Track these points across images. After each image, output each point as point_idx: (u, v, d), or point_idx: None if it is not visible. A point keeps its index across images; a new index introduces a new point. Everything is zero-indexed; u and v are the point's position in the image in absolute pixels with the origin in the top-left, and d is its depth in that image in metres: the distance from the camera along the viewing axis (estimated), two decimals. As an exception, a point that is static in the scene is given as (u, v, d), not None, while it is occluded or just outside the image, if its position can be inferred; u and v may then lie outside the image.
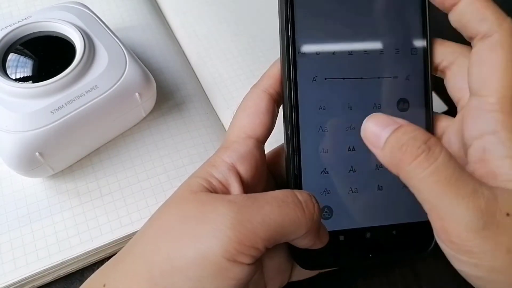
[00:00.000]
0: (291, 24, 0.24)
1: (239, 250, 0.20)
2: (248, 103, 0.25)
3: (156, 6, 0.45)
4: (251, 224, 0.20)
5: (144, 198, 0.32)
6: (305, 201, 0.21)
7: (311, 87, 0.25)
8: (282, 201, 0.21)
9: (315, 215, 0.21)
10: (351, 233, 0.26)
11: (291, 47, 0.25)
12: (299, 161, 0.25)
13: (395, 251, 0.27)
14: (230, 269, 0.20)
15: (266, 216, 0.20)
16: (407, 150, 0.20)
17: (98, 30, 0.33)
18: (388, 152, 0.21)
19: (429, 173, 0.20)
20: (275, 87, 0.25)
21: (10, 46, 0.31)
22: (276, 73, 0.25)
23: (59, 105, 0.29)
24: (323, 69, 0.25)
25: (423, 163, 0.20)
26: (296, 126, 0.25)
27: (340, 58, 0.25)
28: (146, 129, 0.35)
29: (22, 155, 0.29)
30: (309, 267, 0.26)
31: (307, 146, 0.25)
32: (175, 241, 0.20)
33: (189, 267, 0.20)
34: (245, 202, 0.21)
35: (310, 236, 0.22)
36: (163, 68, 0.39)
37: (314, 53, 0.25)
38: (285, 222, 0.21)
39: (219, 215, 0.20)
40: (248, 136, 0.24)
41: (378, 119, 0.22)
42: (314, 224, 0.21)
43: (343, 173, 0.26)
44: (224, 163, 0.23)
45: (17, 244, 0.30)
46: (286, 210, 0.21)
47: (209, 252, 0.19)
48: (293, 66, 0.25)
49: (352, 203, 0.26)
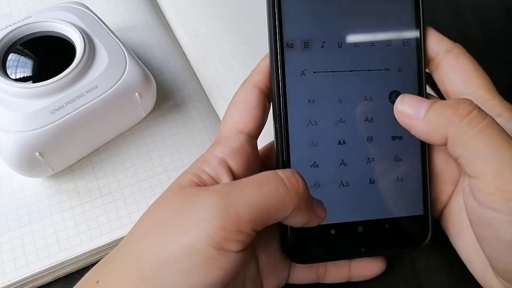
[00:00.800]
0: (279, 17, 0.24)
1: (225, 237, 0.19)
2: (239, 98, 0.25)
3: (156, 6, 0.45)
4: (233, 209, 0.20)
5: (144, 198, 0.32)
6: (287, 177, 0.21)
7: (300, 80, 0.25)
8: (263, 180, 0.21)
9: (301, 189, 0.21)
10: (342, 227, 0.26)
11: (279, 41, 0.24)
12: (288, 155, 0.25)
13: (388, 246, 0.27)
14: (217, 258, 0.19)
15: (248, 198, 0.20)
16: (459, 107, 0.22)
17: (98, 30, 0.33)
18: (434, 116, 0.22)
19: (483, 126, 0.21)
20: (265, 82, 0.25)
21: (10, 46, 0.31)
22: (265, 68, 0.26)
23: (59, 105, 0.29)
24: (312, 62, 0.25)
25: (477, 118, 0.21)
26: (285, 120, 0.25)
27: (329, 51, 0.25)
28: (146, 129, 0.35)
29: (22, 155, 0.29)
30: (299, 261, 0.26)
31: (296, 139, 0.25)
32: (161, 234, 0.20)
33: (177, 259, 0.19)
34: (226, 188, 0.21)
35: (301, 213, 0.22)
36: (163, 68, 0.39)
37: (302, 46, 0.25)
38: (268, 201, 0.20)
39: (201, 204, 0.20)
40: (240, 131, 0.24)
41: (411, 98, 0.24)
42: (300, 199, 0.21)
43: (334, 166, 0.26)
44: (215, 158, 0.23)
45: (17, 244, 0.30)
46: (268, 189, 0.20)
47: (195, 242, 0.19)
48: (280, 60, 0.25)
49: (343, 196, 0.26)
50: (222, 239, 0.19)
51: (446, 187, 0.27)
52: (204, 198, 0.20)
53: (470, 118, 0.21)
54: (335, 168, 0.26)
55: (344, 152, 0.26)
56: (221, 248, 0.19)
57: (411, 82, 0.26)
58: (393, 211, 0.26)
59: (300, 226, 0.23)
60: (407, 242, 0.27)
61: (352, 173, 0.26)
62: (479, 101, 0.24)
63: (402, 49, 0.26)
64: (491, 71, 0.27)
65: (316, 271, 0.28)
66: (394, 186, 0.26)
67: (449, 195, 0.27)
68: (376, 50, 0.26)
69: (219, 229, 0.19)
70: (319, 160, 0.25)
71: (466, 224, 0.26)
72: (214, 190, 0.21)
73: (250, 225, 0.20)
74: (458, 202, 0.27)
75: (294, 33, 0.25)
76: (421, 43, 0.26)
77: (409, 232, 0.26)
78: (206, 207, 0.20)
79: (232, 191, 0.20)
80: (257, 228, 0.20)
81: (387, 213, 0.26)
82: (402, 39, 0.26)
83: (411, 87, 0.26)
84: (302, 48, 0.25)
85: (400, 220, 0.26)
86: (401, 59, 0.26)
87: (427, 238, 0.26)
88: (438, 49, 0.27)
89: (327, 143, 0.25)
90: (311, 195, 0.22)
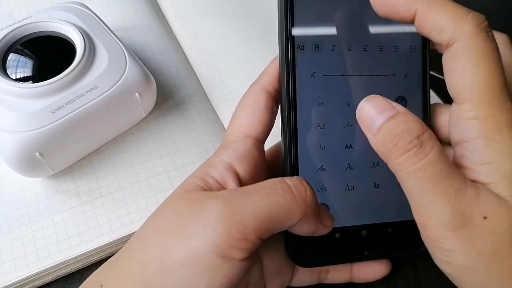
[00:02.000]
0: (291, 20, 0.24)
1: (230, 244, 0.19)
2: (247, 101, 0.25)
3: (156, 6, 0.45)
4: (238, 216, 0.20)
5: (144, 198, 0.32)
6: (295, 185, 0.21)
7: (309, 83, 0.25)
8: (270, 188, 0.21)
9: (308, 198, 0.21)
10: (347, 231, 0.26)
11: (290, 43, 0.24)
12: (296, 158, 0.25)
13: (390, 249, 0.27)
14: (222, 266, 0.19)
15: (254, 205, 0.20)
16: (398, 143, 0.20)
17: (98, 30, 0.33)
18: (380, 139, 0.21)
19: (416, 169, 0.20)
20: (273, 85, 0.25)
21: (10, 46, 0.31)
22: (274, 70, 0.25)
23: (59, 105, 0.29)
24: (322, 65, 0.25)
25: (412, 158, 0.20)
26: (294, 123, 0.25)
27: (339, 55, 0.25)
28: (146, 129, 0.35)
29: (22, 155, 0.29)
30: (304, 265, 0.26)
31: (304, 143, 0.25)
32: (166, 240, 0.20)
33: (181, 265, 0.19)
34: (232, 195, 0.21)
35: (308, 222, 0.21)
36: (163, 68, 0.39)
37: (313, 48, 0.25)
38: (275, 209, 0.20)
39: (206, 210, 0.20)
40: (247, 136, 0.24)
41: (375, 101, 0.21)
42: (308, 208, 0.21)
43: (340, 170, 0.26)
44: (222, 163, 0.23)
45: (17, 244, 0.30)
46: (274, 197, 0.20)
47: (199, 249, 0.19)
48: (291, 62, 0.24)
49: (349, 200, 0.26)
50: (227, 246, 0.19)
51: None
52: (210, 204, 0.20)
53: (407, 157, 0.20)
54: (341, 172, 0.26)
55: (351, 156, 0.26)
56: (226, 255, 0.19)
57: (416, 88, 0.26)
58: (395, 215, 0.26)
59: (306, 234, 0.22)
60: (408, 245, 0.27)
61: (357, 177, 0.26)
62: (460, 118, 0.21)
63: (409, 55, 0.26)
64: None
65: (318, 273, 0.28)
66: (398, 190, 0.26)
67: None
68: (384, 55, 0.26)
69: (223, 236, 0.19)
70: (326, 163, 0.25)
71: None
72: (220, 196, 0.21)
73: (256, 233, 0.20)
74: None
75: (306, 35, 0.25)
76: (426, 49, 0.26)
77: (411, 236, 0.27)
78: (212, 214, 0.20)
79: (238, 198, 0.20)
80: (262, 236, 0.20)
81: (390, 217, 0.26)
82: (409, 45, 0.26)
83: (416, 93, 0.26)
84: (313, 50, 0.25)
85: (402, 224, 0.26)
86: (407, 65, 0.26)
87: None
88: None
89: (335, 147, 0.25)
90: (319, 205, 0.22)
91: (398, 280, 0.31)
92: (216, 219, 0.19)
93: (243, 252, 0.20)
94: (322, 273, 0.28)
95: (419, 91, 0.26)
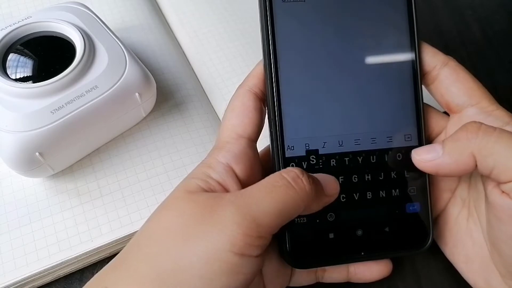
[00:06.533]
0: (271, 29, 0.25)
1: (247, 242, 0.20)
2: (236, 103, 0.26)
3: (156, 6, 0.45)
4: (251, 217, 0.20)
5: (144, 198, 0.32)
6: (293, 179, 0.22)
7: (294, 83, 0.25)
8: (272, 185, 0.22)
9: (307, 187, 0.22)
10: (341, 231, 0.26)
11: (272, 47, 0.25)
12: (283, 156, 0.25)
13: (388, 249, 0.27)
14: (239, 263, 0.20)
15: (262, 205, 0.21)
16: (468, 129, 0.23)
17: (98, 30, 0.33)
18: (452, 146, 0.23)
19: (499, 132, 0.22)
20: (259, 86, 0.26)
21: (10, 46, 0.32)
22: (260, 72, 0.26)
23: (59, 105, 0.29)
24: (306, 66, 0.25)
25: (488, 128, 0.23)
26: (279, 125, 0.25)
27: (322, 58, 0.26)
28: (146, 129, 0.35)
29: (22, 155, 0.29)
30: (299, 266, 0.26)
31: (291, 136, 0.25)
32: (181, 241, 0.21)
33: (200, 266, 0.20)
34: (241, 197, 0.21)
35: (313, 205, 0.23)
36: (163, 68, 0.39)
37: (296, 51, 0.25)
38: (281, 206, 0.21)
39: (219, 212, 0.21)
40: (240, 136, 0.25)
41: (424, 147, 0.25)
42: (309, 196, 0.22)
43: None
44: (220, 164, 0.24)
45: (17, 244, 0.30)
46: (278, 195, 0.21)
47: (218, 249, 0.20)
48: (274, 67, 0.25)
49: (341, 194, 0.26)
50: (244, 244, 0.20)
51: (443, 194, 0.28)
52: (222, 207, 0.21)
53: (485, 128, 0.23)
54: None
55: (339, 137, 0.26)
56: (242, 253, 0.20)
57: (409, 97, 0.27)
58: (392, 215, 0.26)
59: (315, 211, 0.24)
60: (407, 245, 0.27)
61: None
62: (485, 111, 0.25)
63: (398, 65, 0.26)
64: (491, 72, 0.27)
65: (315, 272, 0.28)
66: None
67: (445, 202, 0.28)
68: (373, 67, 0.26)
69: (241, 235, 0.20)
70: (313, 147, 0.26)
71: (463, 231, 0.27)
72: (230, 201, 0.21)
73: (268, 230, 0.21)
74: (454, 210, 0.28)
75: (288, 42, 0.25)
76: (416, 58, 0.26)
77: (410, 235, 0.26)
78: (227, 216, 0.20)
79: (246, 199, 0.21)
80: (274, 232, 0.21)
81: (387, 216, 0.26)
82: (398, 55, 0.26)
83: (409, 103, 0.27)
84: (296, 53, 0.25)
85: (400, 224, 0.26)
86: (398, 75, 0.26)
87: (427, 242, 0.26)
88: (433, 63, 0.27)
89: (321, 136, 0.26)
90: (318, 179, 0.23)
91: (397, 280, 0.31)
92: (232, 220, 0.20)
93: (258, 249, 0.21)
94: (319, 272, 0.28)
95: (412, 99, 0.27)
